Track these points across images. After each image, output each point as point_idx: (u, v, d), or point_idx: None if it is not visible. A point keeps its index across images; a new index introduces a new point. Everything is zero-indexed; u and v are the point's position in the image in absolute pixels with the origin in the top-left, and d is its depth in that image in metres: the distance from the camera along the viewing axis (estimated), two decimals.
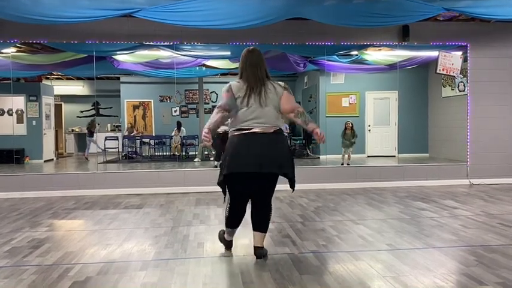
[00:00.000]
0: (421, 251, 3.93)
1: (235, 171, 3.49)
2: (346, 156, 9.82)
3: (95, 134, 12.87)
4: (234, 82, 3.61)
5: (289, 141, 13.09)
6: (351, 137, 9.90)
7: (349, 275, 3.33)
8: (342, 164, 9.36)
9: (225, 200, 3.77)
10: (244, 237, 4.34)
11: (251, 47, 3.73)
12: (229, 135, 3.64)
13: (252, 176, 3.51)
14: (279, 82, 3.67)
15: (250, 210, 3.78)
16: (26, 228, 5.09)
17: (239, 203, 3.71)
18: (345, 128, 10.03)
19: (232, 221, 3.79)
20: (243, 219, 3.81)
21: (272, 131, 3.52)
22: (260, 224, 3.72)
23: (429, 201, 6.50)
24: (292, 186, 3.71)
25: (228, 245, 4.00)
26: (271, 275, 3.34)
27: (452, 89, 10.63)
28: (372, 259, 3.71)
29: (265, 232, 3.77)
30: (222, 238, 4.05)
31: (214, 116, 3.54)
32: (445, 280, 3.19)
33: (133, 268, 3.57)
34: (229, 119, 3.66)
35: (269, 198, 3.73)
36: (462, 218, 5.32)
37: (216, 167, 8.88)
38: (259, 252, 3.74)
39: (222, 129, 9.34)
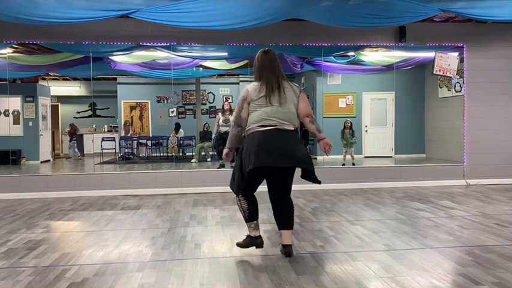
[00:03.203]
0: (418, 252, 3.94)
1: (262, 166, 3.49)
2: (348, 156, 9.79)
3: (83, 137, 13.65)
4: (251, 85, 3.70)
5: None
6: (349, 136, 9.89)
7: (346, 275, 3.34)
8: (343, 165, 9.31)
9: (238, 193, 3.79)
10: (242, 237, 4.34)
11: (266, 48, 3.80)
12: (248, 132, 3.68)
13: (272, 171, 3.60)
14: (294, 83, 3.79)
15: (270, 211, 3.85)
16: (22, 229, 5.07)
17: (251, 194, 3.79)
18: (344, 127, 10.03)
19: (253, 212, 3.79)
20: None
21: (292, 128, 3.64)
22: (287, 222, 3.76)
23: (426, 201, 6.52)
24: (316, 181, 3.75)
25: (258, 242, 3.83)
26: (268, 276, 3.34)
27: (448, 90, 10.66)
28: (369, 259, 3.72)
29: (292, 229, 3.81)
30: (247, 243, 3.89)
31: (234, 133, 3.71)
32: (442, 280, 3.20)
33: (131, 269, 3.56)
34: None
35: (289, 193, 3.81)
36: (459, 218, 5.34)
37: (221, 166, 8.87)
38: (289, 250, 3.77)
39: (222, 129, 9.40)
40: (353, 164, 9.33)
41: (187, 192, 7.58)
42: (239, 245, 3.95)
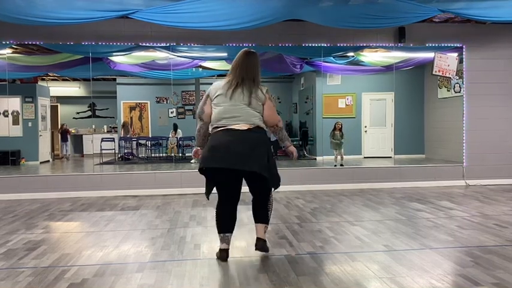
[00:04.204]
0: (418, 252, 3.94)
1: (205, 167, 3.54)
2: (338, 157, 9.78)
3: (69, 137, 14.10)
4: (216, 82, 3.70)
5: None
6: (339, 137, 9.88)
7: (345, 276, 3.34)
8: (335, 166, 9.30)
9: (208, 198, 3.82)
10: (241, 239, 4.35)
11: (250, 49, 3.74)
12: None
13: (227, 172, 3.52)
14: (261, 86, 3.65)
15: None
16: (21, 230, 5.06)
17: (225, 203, 3.72)
18: (334, 128, 10.02)
19: (221, 223, 3.75)
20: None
21: (246, 128, 3.52)
22: (258, 215, 3.74)
23: (425, 202, 6.52)
24: (268, 184, 3.64)
25: (220, 255, 3.78)
26: (268, 277, 3.34)
27: (448, 90, 10.67)
28: (368, 260, 3.72)
29: (266, 223, 3.76)
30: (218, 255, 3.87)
31: (197, 129, 3.73)
32: (441, 281, 3.20)
33: (130, 270, 3.56)
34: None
35: (261, 192, 3.72)
36: (458, 219, 5.34)
37: None
38: (261, 244, 3.72)
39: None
40: (341, 165, 9.33)
41: (186, 192, 7.58)
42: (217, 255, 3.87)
